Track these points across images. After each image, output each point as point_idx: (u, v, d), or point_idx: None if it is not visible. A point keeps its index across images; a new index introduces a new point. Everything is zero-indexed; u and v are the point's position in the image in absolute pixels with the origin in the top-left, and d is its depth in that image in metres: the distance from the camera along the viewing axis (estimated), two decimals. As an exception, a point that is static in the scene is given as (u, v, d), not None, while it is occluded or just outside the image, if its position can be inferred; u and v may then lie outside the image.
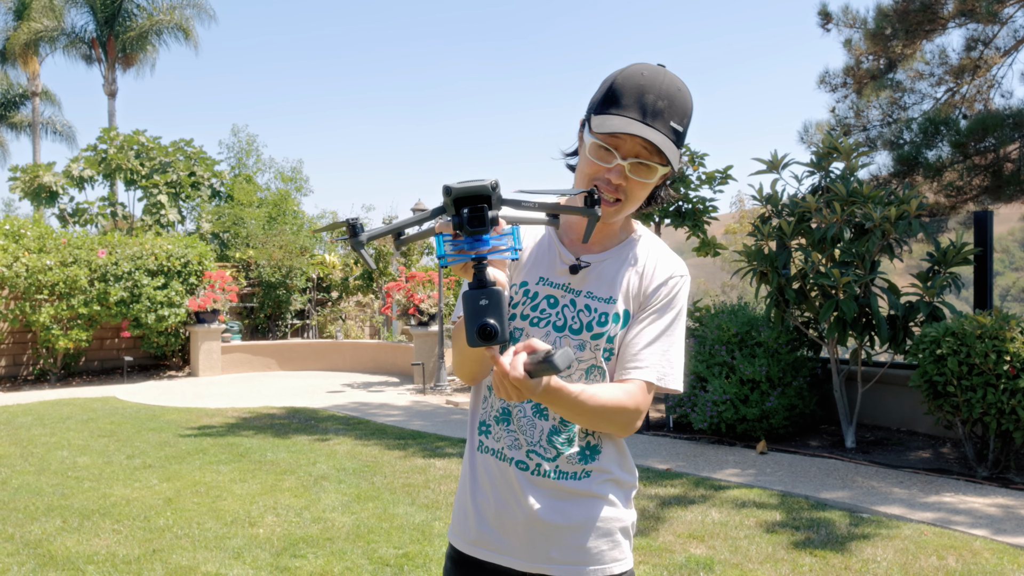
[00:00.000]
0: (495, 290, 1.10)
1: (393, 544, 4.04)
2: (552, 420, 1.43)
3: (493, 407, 1.47)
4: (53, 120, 27.87)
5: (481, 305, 1.09)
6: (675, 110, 1.34)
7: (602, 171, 1.36)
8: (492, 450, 1.46)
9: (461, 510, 1.51)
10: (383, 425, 7.59)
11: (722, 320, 6.81)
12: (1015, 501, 4.79)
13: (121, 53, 23.24)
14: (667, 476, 5.46)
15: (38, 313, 10.58)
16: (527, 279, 1.46)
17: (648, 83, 1.34)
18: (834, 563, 3.76)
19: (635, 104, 1.32)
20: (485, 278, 1.11)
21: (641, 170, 1.34)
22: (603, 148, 1.35)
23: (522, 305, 1.45)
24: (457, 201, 1.10)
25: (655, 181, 1.37)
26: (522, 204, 1.17)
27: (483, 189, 1.09)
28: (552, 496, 1.42)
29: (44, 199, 15.10)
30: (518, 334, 1.44)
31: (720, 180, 7.43)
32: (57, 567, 3.76)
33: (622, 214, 1.40)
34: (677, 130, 1.35)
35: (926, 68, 10.52)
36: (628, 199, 1.37)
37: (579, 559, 1.43)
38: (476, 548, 1.47)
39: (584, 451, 1.44)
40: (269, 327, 14.24)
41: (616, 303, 1.43)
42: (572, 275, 1.44)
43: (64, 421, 7.75)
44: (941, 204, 9.48)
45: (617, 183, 1.35)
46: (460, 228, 1.11)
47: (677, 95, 1.35)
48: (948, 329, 5.34)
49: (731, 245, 13.43)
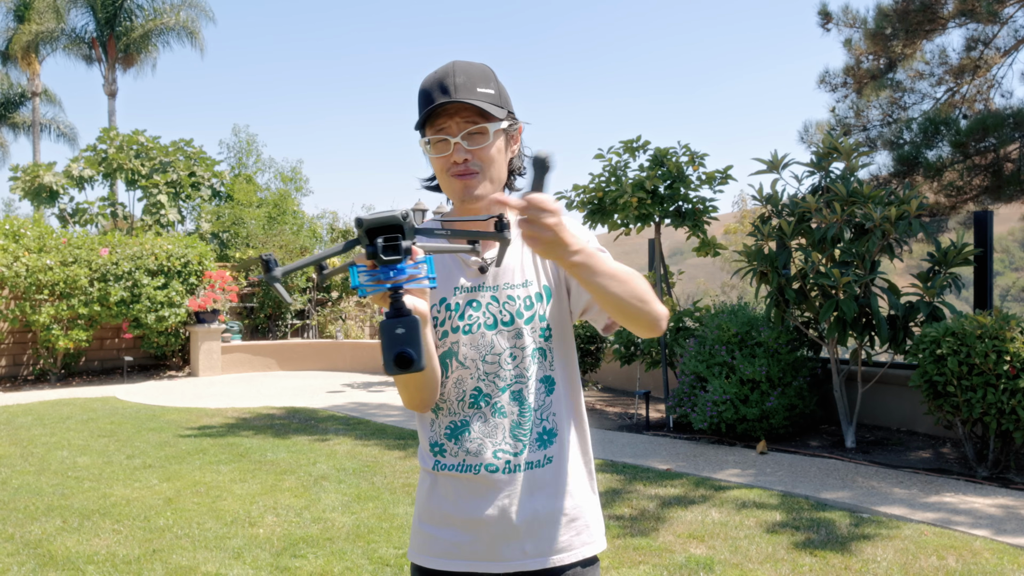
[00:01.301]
0: (412, 318, 1.12)
1: (393, 544, 4.04)
2: (511, 416, 1.45)
3: (442, 427, 1.48)
4: (55, 120, 27.89)
5: (398, 334, 1.11)
6: (475, 79, 1.40)
7: (447, 161, 1.41)
8: (451, 465, 1.46)
9: (423, 530, 1.51)
10: (383, 425, 7.59)
11: (722, 320, 6.81)
12: (1015, 501, 4.78)
13: (122, 53, 23.24)
14: (667, 476, 5.46)
15: (38, 313, 10.58)
16: (444, 295, 1.48)
17: (442, 73, 1.41)
18: (834, 563, 3.76)
19: (438, 91, 1.39)
20: (402, 307, 1.13)
21: (476, 137, 1.40)
22: (438, 142, 1.41)
23: (448, 320, 1.47)
24: (370, 232, 1.13)
25: (492, 141, 1.41)
26: (434, 233, 1.21)
27: (393, 219, 1.12)
28: (523, 492, 1.44)
29: (44, 199, 15.09)
30: (455, 347, 1.46)
31: (720, 180, 7.43)
32: (57, 567, 3.76)
33: (487, 184, 1.43)
34: (488, 92, 1.40)
35: (926, 68, 10.52)
36: (483, 168, 1.41)
37: (551, 548, 1.45)
38: (449, 561, 1.46)
39: (542, 436, 1.46)
40: (269, 327, 14.24)
41: (531, 284, 1.47)
42: (483, 275, 1.47)
43: (64, 421, 7.75)
44: (941, 204, 9.48)
45: (462, 159, 1.40)
46: (374, 258, 1.12)
47: (472, 68, 1.42)
48: (948, 329, 5.34)
49: (731, 245, 13.43)
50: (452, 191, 1.44)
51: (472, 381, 1.45)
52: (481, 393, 1.45)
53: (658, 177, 7.26)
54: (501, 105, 1.42)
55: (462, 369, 1.46)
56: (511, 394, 1.45)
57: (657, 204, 7.31)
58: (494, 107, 1.39)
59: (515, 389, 1.45)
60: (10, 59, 23.99)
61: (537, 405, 1.47)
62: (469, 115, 1.38)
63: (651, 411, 7.99)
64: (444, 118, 1.40)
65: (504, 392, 1.45)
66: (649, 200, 7.24)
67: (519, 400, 1.45)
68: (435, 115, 1.40)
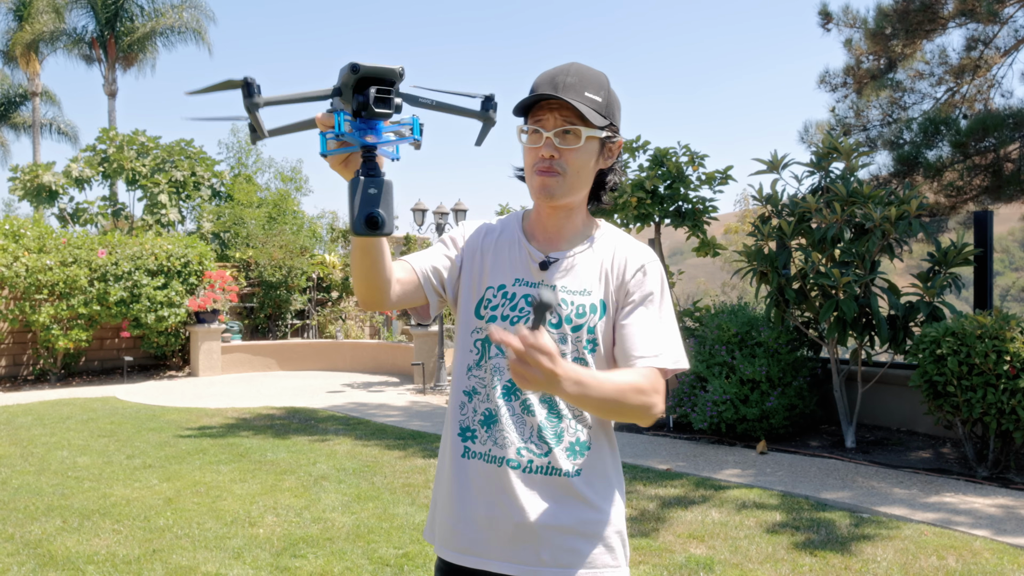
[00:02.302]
0: (386, 180, 1.09)
1: (393, 544, 4.04)
2: (540, 417, 1.43)
3: (476, 412, 1.47)
4: (56, 120, 27.88)
5: (370, 194, 1.08)
6: (587, 83, 1.41)
7: (536, 154, 1.42)
8: (480, 454, 1.45)
9: (448, 520, 1.49)
10: (383, 425, 7.59)
11: (722, 320, 6.81)
12: (1015, 501, 4.78)
13: (122, 53, 23.24)
14: (667, 476, 5.46)
15: (38, 313, 10.58)
16: (504, 281, 1.49)
17: (558, 70, 1.42)
18: (834, 563, 3.76)
19: (547, 85, 1.41)
20: (376, 167, 1.09)
21: (567, 138, 1.40)
22: (532, 132, 1.41)
23: (502, 307, 1.47)
24: (361, 82, 1.07)
25: (584, 146, 1.41)
26: (419, 100, 1.16)
27: (391, 73, 1.07)
28: (544, 496, 1.42)
29: (44, 199, 15.09)
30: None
31: (720, 180, 7.43)
32: (57, 567, 3.76)
33: (567, 188, 1.44)
34: (595, 99, 1.41)
35: (926, 68, 10.52)
36: (567, 172, 1.42)
37: (569, 561, 1.42)
38: (466, 556, 1.46)
39: (574, 446, 1.44)
40: (269, 327, 14.23)
41: (591, 294, 1.47)
42: (543, 271, 1.47)
43: (64, 421, 7.75)
44: (941, 204, 9.48)
45: (549, 155, 1.40)
46: (364, 109, 1.06)
47: (587, 72, 1.43)
48: (948, 329, 5.34)
49: (731, 245, 13.43)
50: (532, 186, 1.45)
51: (508, 373, 1.44)
52: (514, 386, 1.44)
53: (658, 177, 7.26)
54: (605, 115, 1.42)
55: (500, 357, 1.45)
56: (543, 395, 1.44)
57: (657, 204, 7.31)
58: (595, 114, 1.39)
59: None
60: (10, 59, 23.98)
61: (572, 414, 1.45)
62: (569, 115, 1.39)
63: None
64: (545, 112, 1.41)
65: (535, 392, 1.44)
66: (649, 200, 7.24)
67: (550, 403, 1.44)
68: (538, 107, 1.42)
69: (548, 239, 1.51)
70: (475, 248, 1.53)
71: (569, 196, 1.45)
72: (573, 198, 1.46)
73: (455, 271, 1.52)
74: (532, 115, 1.43)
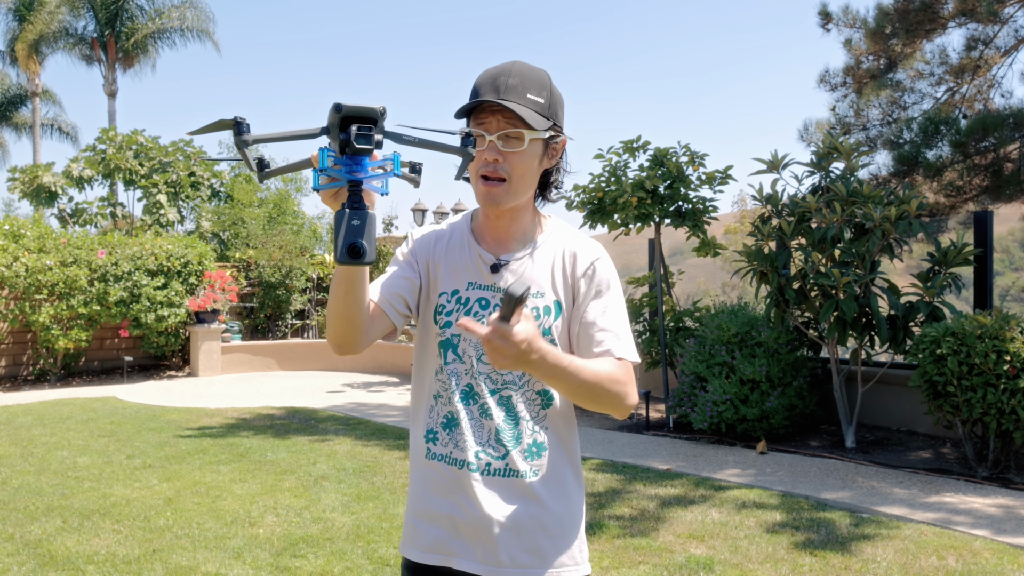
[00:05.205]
0: (369, 213, 1.14)
1: (393, 544, 4.04)
2: (498, 420, 1.45)
3: (439, 415, 1.49)
4: (57, 120, 27.88)
5: (354, 225, 1.13)
6: (529, 84, 1.40)
7: (481, 157, 1.41)
8: (441, 456, 1.47)
9: (412, 521, 1.52)
10: (383, 425, 7.59)
11: (722, 320, 6.81)
12: (1015, 501, 4.78)
13: (123, 54, 23.24)
14: (667, 476, 5.46)
15: (38, 313, 10.58)
16: (457, 286, 1.50)
17: (499, 70, 1.42)
18: (834, 563, 3.76)
19: (488, 87, 1.40)
20: (361, 200, 1.15)
21: (511, 141, 1.40)
22: (476, 135, 1.41)
23: (456, 312, 1.48)
24: (345, 120, 1.12)
25: (527, 148, 1.41)
26: (402, 138, 1.20)
27: (372, 112, 1.12)
28: (503, 497, 1.44)
29: (43, 199, 15.08)
30: (456, 340, 1.47)
31: (720, 180, 7.42)
32: (57, 567, 3.76)
33: (512, 194, 1.44)
34: (537, 100, 1.40)
35: (926, 68, 10.52)
36: (511, 176, 1.42)
37: (528, 562, 1.44)
38: (428, 555, 1.48)
39: (531, 448, 1.46)
40: (269, 327, 14.23)
41: (544, 296, 1.48)
42: (494, 274, 1.48)
43: (64, 421, 7.75)
44: (941, 204, 9.48)
45: (493, 159, 1.40)
46: (346, 146, 1.13)
47: (529, 72, 1.42)
48: (948, 329, 5.34)
49: (731, 245, 13.42)
50: (478, 193, 1.46)
51: (466, 377, 1.46)
52: (472, 391, 1.46)
53: (658, 177, 7.26)
54: (547, 116, 1.42)
55: (458, 363, 1.47)
56: (499, 398, 1.46)
57: (657, 204, 7.31)
58: (537, 116, 1.39)
59: (504, 395, 1.46)
60: (11, 59, 23.98)
61: (530, 416, 1.46)
62: (511, 117, 1.39)
63: (651, 411, 7.99)
64: (487, 115, 1.41)
65: (493, 395, 1.45)
66: (649, 200, 7.24)
67: (507, 406, 1.46)
68: (480, 110, 1.42)
69: (498, 241, 1.52)
70: (428, 257, 1.54)
71: (514, 200, 1.45)
72: (518, 201, 1.47)
73: (415, 289, 1.53)
74: (475, 117, 1.42)
